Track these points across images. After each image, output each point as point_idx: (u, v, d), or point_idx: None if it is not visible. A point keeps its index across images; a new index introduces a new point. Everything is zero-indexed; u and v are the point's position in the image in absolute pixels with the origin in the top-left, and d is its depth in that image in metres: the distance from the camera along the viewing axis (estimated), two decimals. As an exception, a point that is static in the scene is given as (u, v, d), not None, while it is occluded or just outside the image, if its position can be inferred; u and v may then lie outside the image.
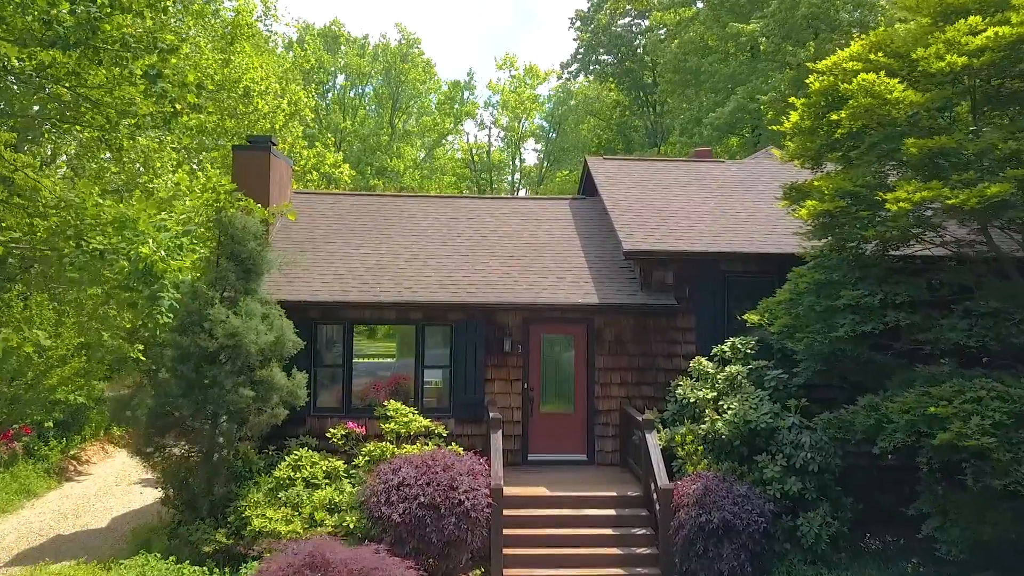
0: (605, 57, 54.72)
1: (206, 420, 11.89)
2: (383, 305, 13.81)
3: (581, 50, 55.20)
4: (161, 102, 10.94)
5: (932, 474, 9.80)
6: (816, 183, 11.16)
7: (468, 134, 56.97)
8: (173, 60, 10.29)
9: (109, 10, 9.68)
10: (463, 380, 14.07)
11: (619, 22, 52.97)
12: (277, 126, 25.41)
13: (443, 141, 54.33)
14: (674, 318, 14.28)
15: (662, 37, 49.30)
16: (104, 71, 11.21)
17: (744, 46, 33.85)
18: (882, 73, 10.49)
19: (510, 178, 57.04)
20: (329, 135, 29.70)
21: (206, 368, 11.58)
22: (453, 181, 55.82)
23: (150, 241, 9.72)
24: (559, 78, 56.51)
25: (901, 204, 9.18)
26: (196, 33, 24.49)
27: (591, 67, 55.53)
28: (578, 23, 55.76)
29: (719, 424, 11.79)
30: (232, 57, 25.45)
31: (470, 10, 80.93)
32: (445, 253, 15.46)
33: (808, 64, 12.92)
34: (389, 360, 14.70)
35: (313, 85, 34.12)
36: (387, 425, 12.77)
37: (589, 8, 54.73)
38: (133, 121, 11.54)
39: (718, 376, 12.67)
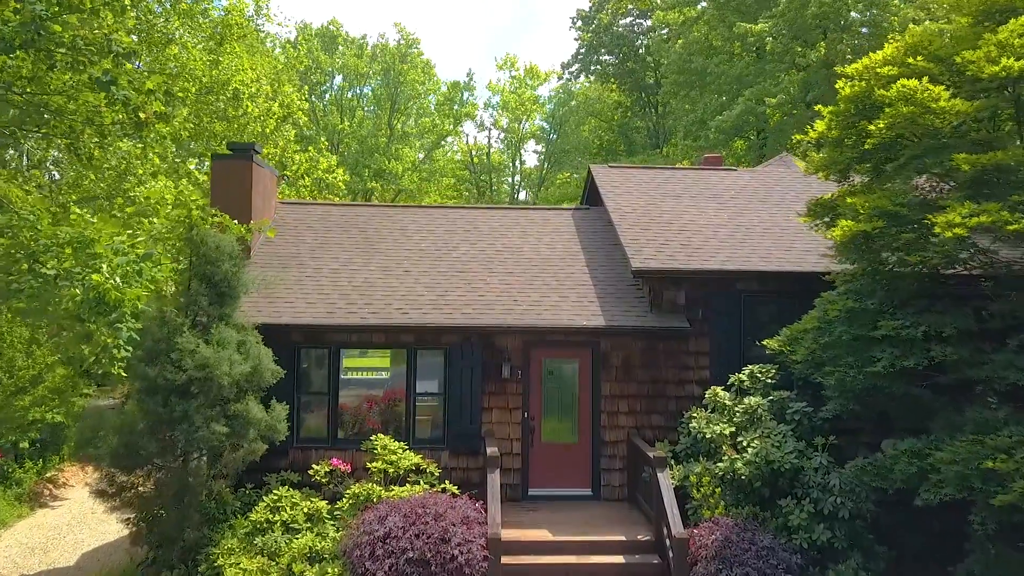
0: (606, 57, 53.52)
1: (175, 458, 10.74)
2: (371, 328, 12.65)
3: (582, 50, 54.00)
4: (124, 110, 9.79)
5: (985, 531, 8.62)
6: (849, 200, 9.98)
7: (468, 135, 55.76)
8: (129, 65, 9.11)
9: (57, 8, 8.53)
10: (458, 409, 12.90)
11: (621, 22, 51.78)
12: (268, 130, 24.26)
13: (442, 143, 53.12)
14: (686, 341, 13.11)
15: (665, 37, 48.14)
16: (59, 76, 10.07)
17: (751, 46, 32.66)
18: (924, 79, 9.32)
19: (510, 180, 55.83)
20: (323, 139, 28.47)
21: (175, 402, 10.42)
22: (453, 183, 54.60)
23: (104, 267, 8.55)
24: (560, 79, 55.32)
25: (955, 230, 7.99)
26: (183, 34, 23.35)
27: (592, 68, 54.33)
28: (579, 23, 54.56)
29: (738, 464, 10.63)
30: (221, 58, 24.33)
31: (470, 10, 79.69)
32: (440, 269, 14.29)
33: (837, 68, 11.72)
34: (382, 375, 13.44)
35: (307, 87, 32.91)
36: (374, 464, 11.60)
37: (590, 8, 53.53)
38: (94, 130, 10.40)
39: (736, 408, 11.51)
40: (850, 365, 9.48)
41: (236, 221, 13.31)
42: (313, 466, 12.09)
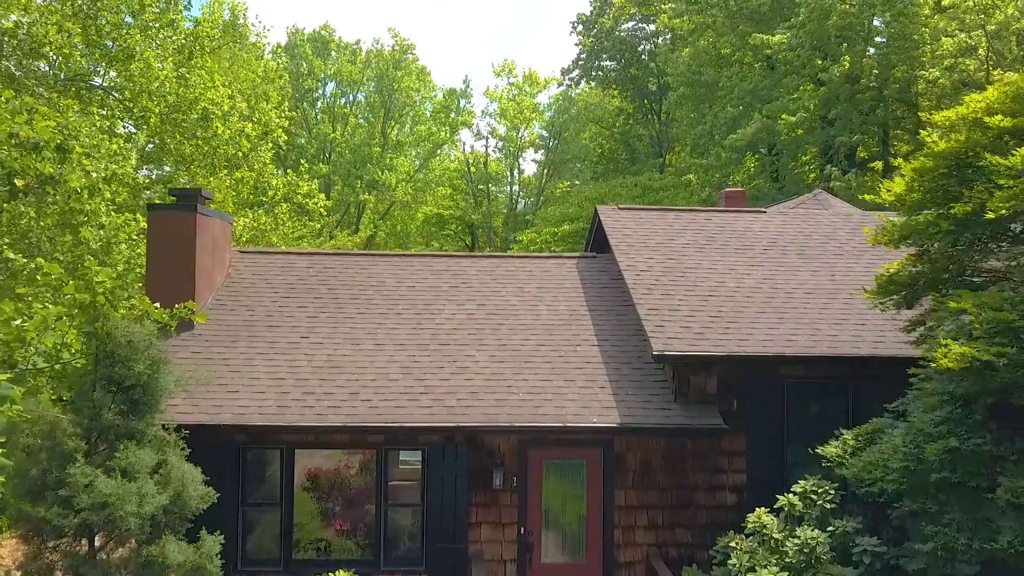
0: (608, 63, 50.90)
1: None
2: (331, 429, 10.07)
3: (583, 56, 51.36)
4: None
5: None
6: (953, 304, 7.39)
7: (464, 143, 53.08)
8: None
9: None
10: (439, 523, 10.33)
11: (623, 26, 49.13)
12: (241, 152, 21.67)
13: (438, 152, 50.44)
14: (719, 438, 10.53)
15: (670, 45, 45.48)
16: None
17: (765, 58, 30.06)
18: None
19: (509, 190, 53.18)
20: (303, 161, 25.90)
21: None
22: (449, 193, 51.92)
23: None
24: (560, 85, 52.61)
25: None
26: (145, 48, 20.72)
27: (593, 73, 51.71)
28: (580, 27, 51.89)
29: (795, 628, 8.08)
30: (190, 74, 21.73)
31: (468, 14, 76.91)
32: (420, 341, 11.71)
33: (923, 115, 9.16)
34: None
35: (292, 98, 30.24)
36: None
37: (591, 11, 50.86)
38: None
39: (787, 543, 8.93)
40: (959, 527, 6.90)
41: (173, 294, 10.79)
42: (258, 606, 9.56)
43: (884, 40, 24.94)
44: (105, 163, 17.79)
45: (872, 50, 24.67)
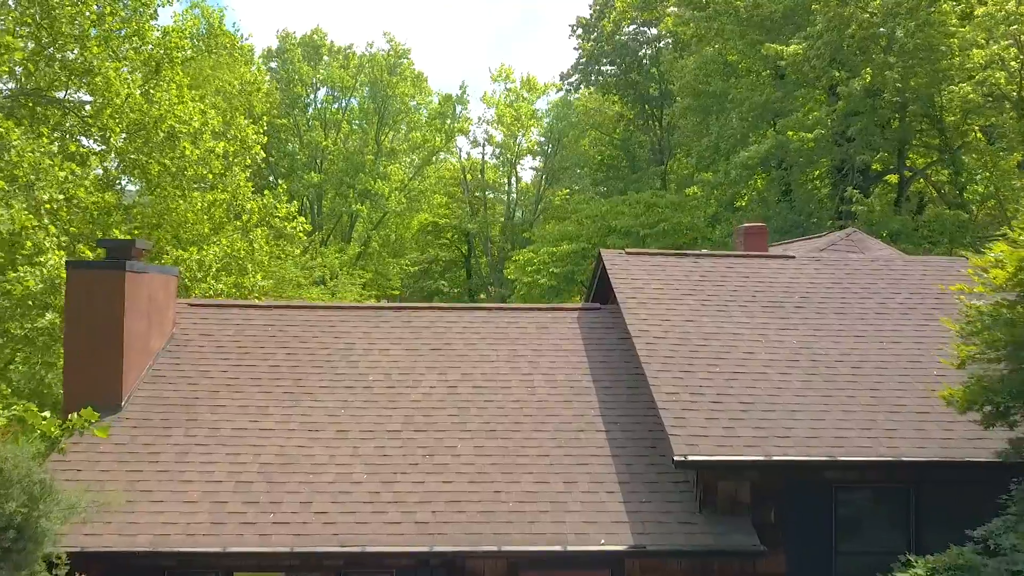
0: (608, 68, 48.83)
1: None
2: (275, 555, 8.01)
3: (582, 60, 49.29)
4: None
5: None
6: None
7: (461, 150, 50.91)
8: None
9: None
10: (411, 665, 8.29)
11: (624, 30, 47.02)
12: (210, 175, 19.61)
13: (433, 159, 48.28)
14: (754, 560, 8.47)
15: (671, 47, 43.42)
16: None
17: (775, 66, 27.99)
18: None
19: (506, 198, 51.07)
20: (281, 183, 23.83)
21: None
22: (445, 201, 49.82)
23: None
24: (559, 90, 50.49)
25: None
26: (103, 61, 18.64)
27: (593, 78, 49.64)
28: (579, 31, 49.78)
29: None
30: (154, 90, 19.68)
31: (466, 18, 74.75)
32: (391, 427, 9.65)
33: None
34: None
35: (265, 119, 28.09)
36: None
37: (591, 15, 48.74)
38: None
39: None
40: None
41: (95, 370, 8.77)
42: None
43: (906, 52, 22.85)
44: (51, 193, 15.70)
45: (892, 60, 22.52)
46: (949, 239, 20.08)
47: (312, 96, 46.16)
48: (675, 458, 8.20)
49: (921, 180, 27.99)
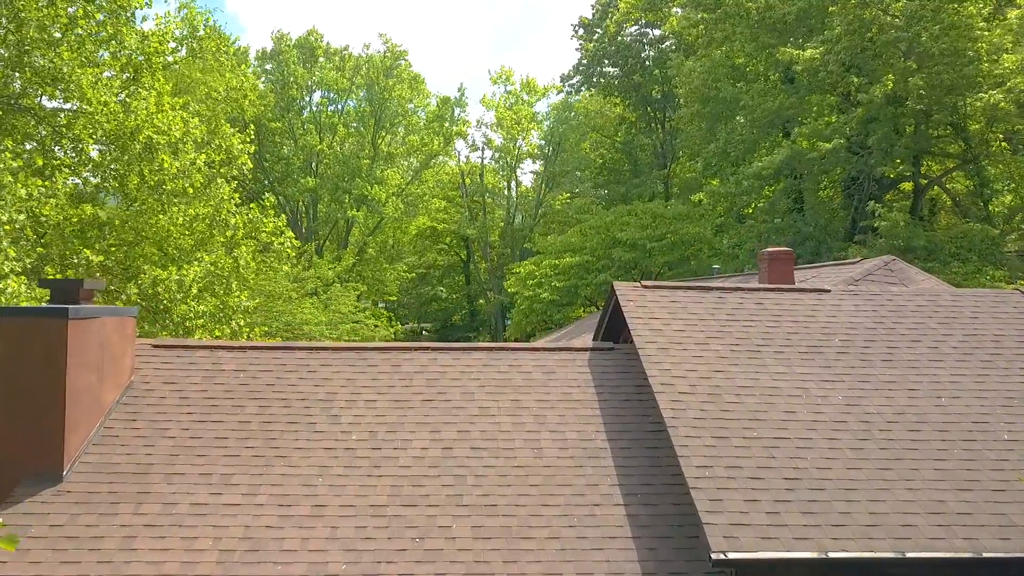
0: (610, 69, 47.47)
1: None
2: None
3: (584, 61, 47.95)
4: None
5: None
6: None
7: (460, 153, 49.45)
8: None
9: None
10: None
11: (627, 31, 45.63)
12: (190, 189, 18.23)
13: (431, 162, 46.82)
14: (803, 673, 7.07)
15: (674, 48, 42.02)
16: None
17: (785, 69, 26.56)
18: None
19: (506, 202, 49.61)
20: (268, 196, 22.41)
21: None
22: (443, 206, 48.36)
23: None
24: (559, 92, 49.08)
25: None
26: (74, 68, 17.26)
27: (595, 80, 48.28)
28: (581, 31, 48.44)
29: None
30: (131, 99, 18.33)
31: (466, 20, 73.22)
32: (375, 500, 8.23)
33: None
34: None
35: (261, 123, 26.68)
36: None
37: (593, 15, 47.35)
38: None
39: None
40: None
41: (32, 436, 7.39)
42: None
43: (930, 57, 21.42)
44: (10, 213, 14.33)
45: (914, 66, 21.08)
46: (978, 255, 18.68)
47: (307, 99, 44.67)
48: (712, 555, 6.78)
49: (936, 188, 26.61)
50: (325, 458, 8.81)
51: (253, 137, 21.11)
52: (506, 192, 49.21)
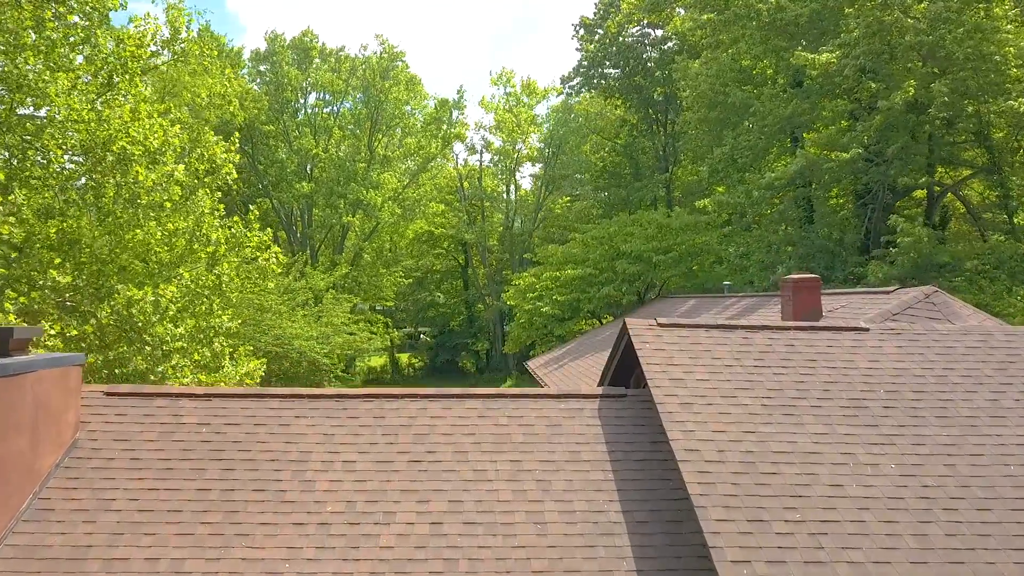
0: (611, 71, 46.14)
1: None
2: None
3: (584, 62, 46.60)
4: None
5: None
6: None
7: (458, 156, 48.09)
8: None
9: None
10: None
11: (629, 31, 44.28)
12: (168, 203, 16.89)
13: (429, 166, 45.45)
14: None
15: (677, 49, 40.70)
16: None
17: (795, 76, 25.25)
18: None
19: (505, 206, 48.25)
20: (253, 208, 21.06)
21: None
22: (441, 210, 47.01)
23: None
24: (559, 94, 47.72)
25: None
26: (42, 72, 15.93)
27: (595, 81, 46.93)
28: (582, 32, 47.07)
29: None
30: (103, 107, 16.98)
31: (465, 21, 71.82)
32: (351, 593, 6.92)
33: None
34: None
35: (255, 126, 25.36)
36: None
37: (595, 15, 45.99)
38: None
39: None
40: None
41: None
42: None
43: (954, 61, 20.11)
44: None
45: (936, 71, 19.75)
46: (1008, 274, 17.38)
47: (302, 101, 43.29)
48: None
49: (949, 195, 25.31)
50: (294, 536, 7.49)
51: (238, 146, 19.68)
52: (505, 196, 47.86)
